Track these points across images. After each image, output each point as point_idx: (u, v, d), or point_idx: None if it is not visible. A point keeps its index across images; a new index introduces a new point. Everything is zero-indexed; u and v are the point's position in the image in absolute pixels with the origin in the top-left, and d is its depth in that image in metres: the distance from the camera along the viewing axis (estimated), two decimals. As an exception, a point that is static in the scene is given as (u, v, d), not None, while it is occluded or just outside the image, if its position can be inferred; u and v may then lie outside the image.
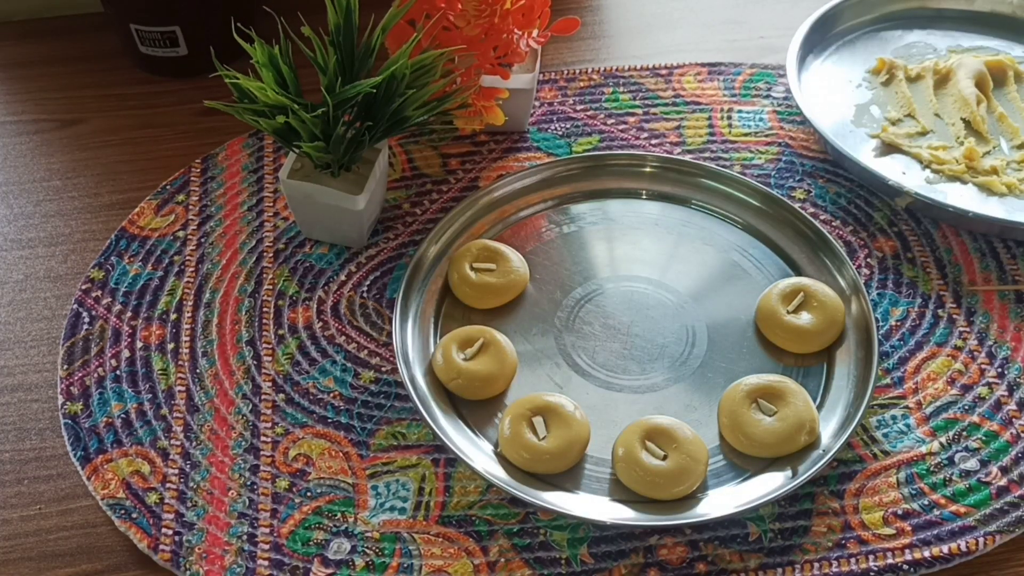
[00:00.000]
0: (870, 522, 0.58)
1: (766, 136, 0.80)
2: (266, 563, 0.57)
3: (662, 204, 0.75)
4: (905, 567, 0.57)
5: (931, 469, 0.61)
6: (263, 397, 0.64)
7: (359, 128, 0.65)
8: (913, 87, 0.82)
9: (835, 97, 0.81)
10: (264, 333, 0.67)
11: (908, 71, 0.83)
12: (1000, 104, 0.80)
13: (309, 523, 0.58)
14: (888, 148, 0.77)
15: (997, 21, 0.88)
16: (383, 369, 0.65)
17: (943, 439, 0.62)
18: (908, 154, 0.76)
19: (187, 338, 0.67)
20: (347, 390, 0.64)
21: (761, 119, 0.81)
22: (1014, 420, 0.63)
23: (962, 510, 0.59)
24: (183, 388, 0.64)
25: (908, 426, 0.63)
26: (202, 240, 0.72)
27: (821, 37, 0.85)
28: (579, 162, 0.75)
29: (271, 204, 0.75)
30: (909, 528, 0.58)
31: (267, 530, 0.58)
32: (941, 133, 0.78)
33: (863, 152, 0.77)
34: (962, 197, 0.73)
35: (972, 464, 0.61)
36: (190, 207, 0.75)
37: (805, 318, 0.65)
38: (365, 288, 0.70)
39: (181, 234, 0.73)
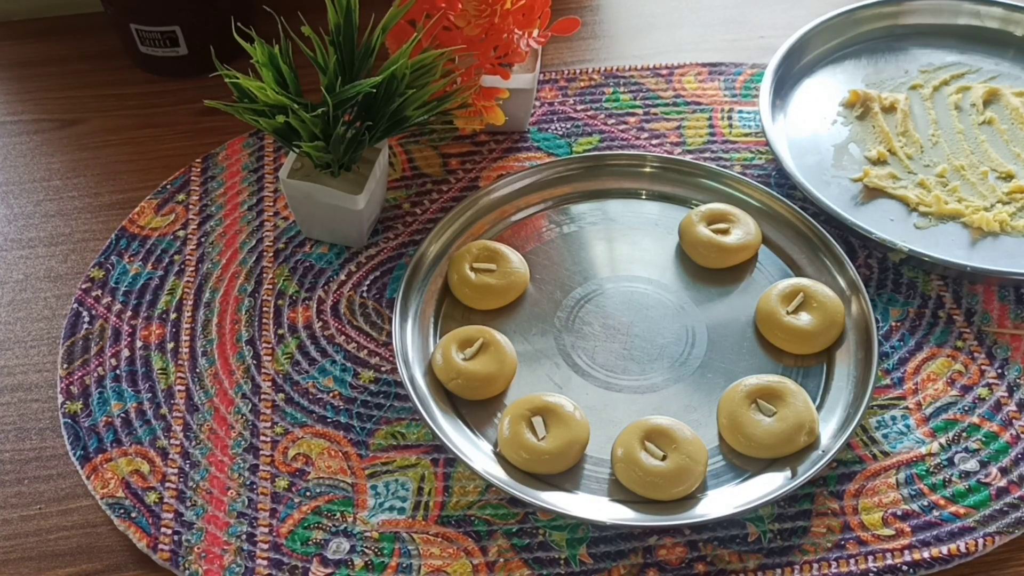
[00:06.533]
0: (869, 523, 0.58)
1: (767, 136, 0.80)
2: (265, 563, 0.57)
3: (662, 204, 0.74)
4: (904, 568, 0.56)
5: (931, 470, 0.61)
6: (263, 397, 0.64)
7: (359, 128, 0.65)
8: (889, 118, 0.79)
9: (812, 138, 0.78)
10: (264, 333, 0.67)
11: (883, 101, 0.80)
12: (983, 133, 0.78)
13: (308, 523, 0.58)
14: (873, 192, 0.74)
15: (972, 34, 0.85)
16: (383, 369, 0.65)
17: (943, 440, 0.62)
18: (894, 197, 0.74)
19: (187, 337, 0.67)
20: (347, 390, 0.64)
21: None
22: (1014, 421, 0.63)
23: (962, 511, 0.59)
24: (183, 388, 0.64)
25: (908, 427, 0.63)
26: (202, 240, 0.72)
27: (788, 72, 0.82)
28: (579, 162, 0.75)
29: (271, 204, 0.75)
30: (908, 529, 0.58)
31: (266, 530, 0.58)
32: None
33: (847, 200, 0.74)
34: (955, 240, 0.71)
35: (972, 465, 0.61)
36: (190, 207, 0.75)
37: (805, 319, 0.65)
38: (365, 288, 0.70)
39: (181, 233, 0.73)
